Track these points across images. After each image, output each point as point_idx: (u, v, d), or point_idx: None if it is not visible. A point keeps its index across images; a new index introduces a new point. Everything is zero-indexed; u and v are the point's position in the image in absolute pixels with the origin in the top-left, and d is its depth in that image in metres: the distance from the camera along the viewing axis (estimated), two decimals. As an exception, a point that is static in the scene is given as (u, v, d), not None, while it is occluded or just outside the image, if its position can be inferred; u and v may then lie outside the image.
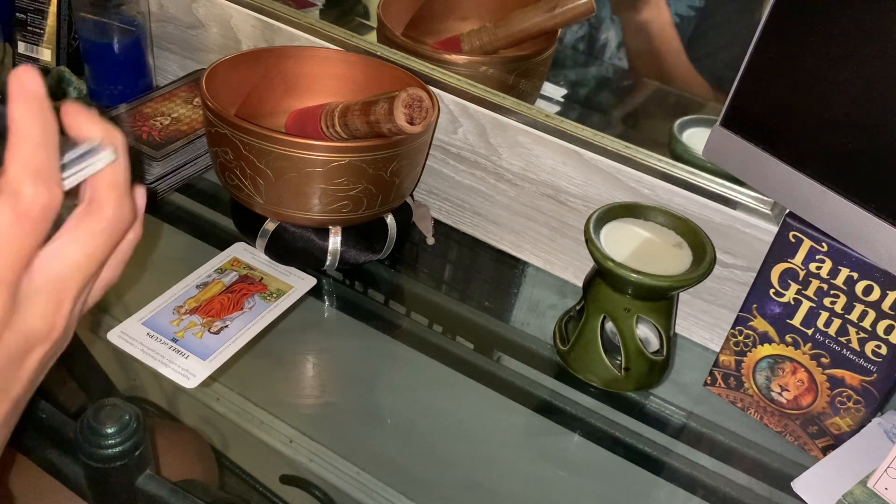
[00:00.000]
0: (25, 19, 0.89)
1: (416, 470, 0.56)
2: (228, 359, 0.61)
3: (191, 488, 0.45)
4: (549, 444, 0.59)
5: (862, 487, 0.53)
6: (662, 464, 0.59)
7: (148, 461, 0.43)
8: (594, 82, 0.84)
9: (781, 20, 0.50)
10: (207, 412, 0.58)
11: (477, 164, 0.74)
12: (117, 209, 0.34)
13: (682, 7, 0.74)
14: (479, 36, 0.79)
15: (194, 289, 0.66)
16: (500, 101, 0.70)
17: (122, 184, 0.35)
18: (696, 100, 0.76)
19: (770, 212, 0.61)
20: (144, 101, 0.82)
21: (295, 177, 0.62)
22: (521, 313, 0.71)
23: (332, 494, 0.53)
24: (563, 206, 0.70)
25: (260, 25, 0.82)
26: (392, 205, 0.69)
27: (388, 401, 0.61)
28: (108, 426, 0.41)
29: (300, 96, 0.75)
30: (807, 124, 0.51)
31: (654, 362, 0.62)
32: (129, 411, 0.41)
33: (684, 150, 0.68)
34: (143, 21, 0.84)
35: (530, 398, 0.62)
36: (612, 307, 0.60)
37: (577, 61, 0.83)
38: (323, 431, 0.57)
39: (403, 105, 0.59)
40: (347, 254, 0.68)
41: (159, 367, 0.59)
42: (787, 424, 0.61)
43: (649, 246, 0.61)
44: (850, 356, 0.55)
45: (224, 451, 0.56)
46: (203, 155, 0.79)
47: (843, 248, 0.52)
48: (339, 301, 0.70)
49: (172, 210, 0.77)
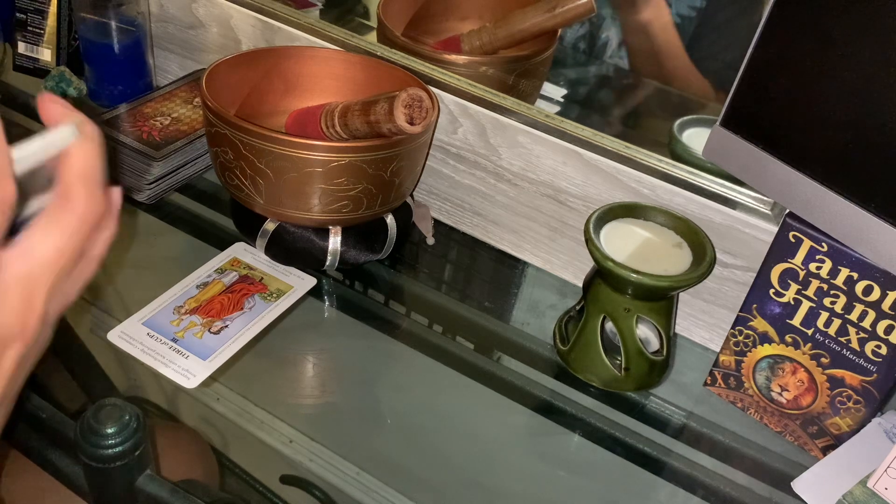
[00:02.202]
0: (25, 19, 0.89)
1: (416, 470, 0.56)
2: (228, 359, 0.61)
3: (191, 488, 0.45)
4: (549, 444, 0.59)
5: (862, 487, 0.53)
6: (662, 464, 0.59)
7: (148, 461, 0.43)
8: (594, 82, 0.84)
9: (781, 20, 0.50)
10: (207, 412, 0.58)
11: (477, 164, 0.74)
12: (88, 202, 0.34)
13: (682, 7, 0.74)
14: (479, 36, 0.79)
15: (194, 289, 0.66)
16: (500, 101, 0.70)
17: (94, 176, 0.34)
18: (695, 99, 0.76)
19: (770, 212, 0.61)
20: (144, 101, 0.82)
21: (295, 177, 0.62)
22: (521, 313, 0.71)
23: (332, 494, 0.53)
24: (563, 206, 0.70)
25: (260, 25, 0.82)
26: (392, 205, 0.69)
27: (388, 401, 0.61)
28: (108, 426, 0.40)
29: (300, 96, 0.75)
30: (807, 124, 0.51)
31: (654, 362, 0.62)
32: (129, 411, 0.41)
33: (684, 150, 0.68)
34: (143, 21, 0.84)
35: (530, 398, 0.62)
36: (612, 307, 0.60)
37: (578, 61, 0.83)
38: (323, 431, 0.57)
39: (403, 105, 0.59)
40: (347, 254, 0.68)
41: (159, 367, 0.59)
42: (787, 424, 0.61)
43: (649, 246, 0.61)
44: (850, 356, 0.55)
45: (224, 451, 0.56)
46: (203, 155, 0.79)
47: (843, 248, 0.52)
48: (339, 301, 0.70)
49: (172, 210, 0.77)
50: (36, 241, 0.33)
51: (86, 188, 0.34)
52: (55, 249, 0.33)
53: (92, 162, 0.34)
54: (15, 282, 0.32)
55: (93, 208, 0.34)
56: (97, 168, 0.34)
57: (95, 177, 0.34)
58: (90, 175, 0.34)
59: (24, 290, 0.32)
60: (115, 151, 0.76)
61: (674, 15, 0.74)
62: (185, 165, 0.78)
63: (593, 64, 0.82)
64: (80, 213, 0.33)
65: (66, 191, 0.33)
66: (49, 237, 0.33)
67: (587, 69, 0.83)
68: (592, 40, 0.79)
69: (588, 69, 0.83)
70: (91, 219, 0.34)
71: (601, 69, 0.82)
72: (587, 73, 0.83)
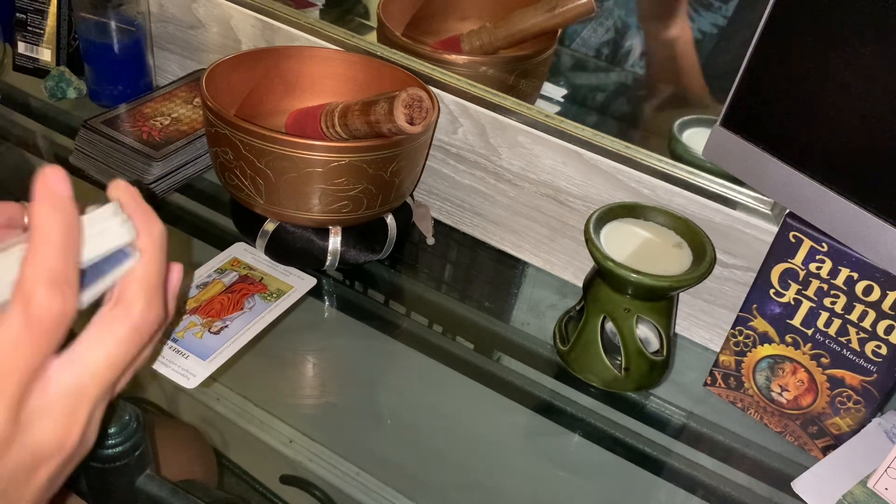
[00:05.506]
0: (25, 19, 0.89)
1: (416, 470, 0.56)
2: (228, 359, 0.61)
3: (191, 488, 0.45)
4: (549, 444, 0.59)
5: (862, 487, 0.53)
6: (662, 464, 0.59)
7: (148, 461, 0.43)
8: (594, 82, 0.84)
9: (781, 20, 0.50)
10: (207, 412, 0.58)
11: (477, 164, 0.74)
12: (145, 311, 0.31)
13: (705, 24, 0.74)
14: (479, 36, 0.79)
15: (194, 289, 0.66)
16: (500, 101, 0.70)
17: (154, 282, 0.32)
18: (697, 101, 0.76)
19: (770, 212, 0.61)
20: (144, 101, 0.82)
21: (295, 177, 0.62)
22: (521, 313, 0.71)
23: (332, 494, 0.53)
24: (563, 206, 0.70)
25: (260, 25, 0.82)
26: (392, 205, 0.69)
27: (388, 401, 0.61)
28: (108, 426, 0.40)
29: (300, 96, 0.75)
30: (807, 124, 0.51)
31: (654, 362, 0.61)
32: (129, 411, 0.41)
33: (684, 150, 0.68)
34: (143, 21, 0.84)
35: (530, 398, 0.62)
36: (612, 307, 0.60)
37: (578, 61, 0.83)
38: (323, 431, 0.57)
39: (403, 105, 0.59)
40: (347, 254, 0.68)
41: (159, 367, 0.59)
42: (787, 424, 0.61)
43: (649, 246, 0.61)
44: (850, 356, 0.55)
45: (224, 451, 0.56)
46: (203, 155, 0.79)
47: (843, 248, 0.52)
48: (339, 301, 0.70)
49: (172, 210, 0.77)
50: (87, 350, 0.31)
51: (145, 296, 0.32)
52: (106, 359, 0.31)
53: (154, 268, 0.32)
54: (62, 395, 0.30)
55: (150, 317, 0.32)
56: (159, 273, 0.32)
57: (156, 282, 0.32)
58: (151, 281, 0.32)
59: (69, 404, 0.30)
60: (115, 151, 0.76)
61: (695, 31, 0.74)
62: (185, 165, 0.78)
63: (593, 64, 0.82)
64: (136, 320, 0.31)
65: (123, 297, 0.31)
66: (101, 346, 0.31)
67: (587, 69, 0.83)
68: (616, 48, 0.80)
69: (588, 70, 0.83)
70: (147, 329, 0.32)
71: (601, 69, 0.82)
72: (587, 74, 0.83)
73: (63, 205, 0.29)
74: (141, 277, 0.32)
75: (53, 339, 0.29)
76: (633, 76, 0.80)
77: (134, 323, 0.31)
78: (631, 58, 0.79)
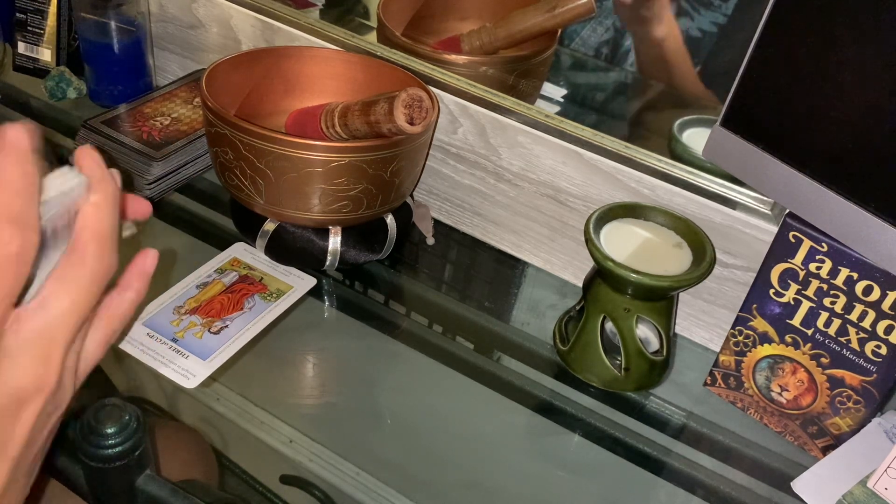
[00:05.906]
0: (25, 19, 0.89)
1: (416, 470, 0.56)
2: (228, 359, 0.61)
3: (191, 488, 0.45)
4: (549, 444, 0.59)
5: (862, 487, 0.53)
6: (662, 464, 0.59)
7: (148, 461, 0.43)
8: (594, 81, 0.84)
9: (781, 20, 0.50)
10: (207, 412, 0.58)
11: (477, 164, 0.74)
12: (97, 259, 0.34)
13: (705, 22, 0.73)
14: (479, 36, 0.79)
15: (194, 289, 0.66)
16: (500, 101, 0.70)
17: (107, 234, 0.34)
18: (695, 101, 0.76)
19: (770, 212, 0.61)
20: (144, 101, 0.82)
21: (295, 177, 0.62)
22: (521, 313, 0.71)
23: (332, 494, 0.53)
24: (563, 206, 0.70)
25: (260, 25, 0.82)
26: (392, 205, 0.69)
27: (388, 401, 0.61)
28: (108, 426, 0.40)
29: (300, 96, 0.75)
30: (807, 124, 0.51)
31: (654, 362, 0.61)
32: (129, 411, 0.41)
33: (684, 150, 0.68)
34: (143, 21, 0.84)
35: (530, 398, 0.62)
36: (612, 307, 0.60)
37: (577, 61, 0.83)
38: (323, 431, 0.57)
39: (403, 105, 0.59)
40: (347, 254, 0.68)
41: (159, 367, 0.59)
42: (787, 424, 0.61)
43: (649, 246, 0.61)
44: (850, 356, 0.55)
45: (224, 451, 0.56)
46: (203, 155, 0.79)
47: (843, 248, 0.52)
48: (339, 301, 0.70)
49: (172, 210, 0.77)
50: (51, 296, 0.33)
51: (98, 245, 0.34)
52: (70, 304, 0.33)
53: (106, 220, 0.34)
54: (32, 337, 0.32)
55: (102, 266, 0.34)
56: (111, 226, 0.35)
57: (109, 235, 0.34)
58: (103, 233, 0.34)
59: (42, 345, 0.33)
60: (115, 151, 0.76)
61: (695, 29, 0.74)
62: (185, 165, 0.78)
63: (593, 64, 0.82)
64: (91, 269, 0.34)
65: (78, 247, 0.34)
66: (63, 292, 0.33)
67: (587, 70, 0.83)
68: (616, 47, 0.80)
69: (587, 70, 0.83)
70: (102, 276, 0.34)
71: (600, 69, 0.82)
72: (587, 74, 0.83)
73: (22, 154, 0.31)
74: (92, 227, 0.34)
75: (18, 275, 0.31)
76: (632, 76, 0.80)
77: (90, 268, 0.34)
78: (630, 57, 0.79)
